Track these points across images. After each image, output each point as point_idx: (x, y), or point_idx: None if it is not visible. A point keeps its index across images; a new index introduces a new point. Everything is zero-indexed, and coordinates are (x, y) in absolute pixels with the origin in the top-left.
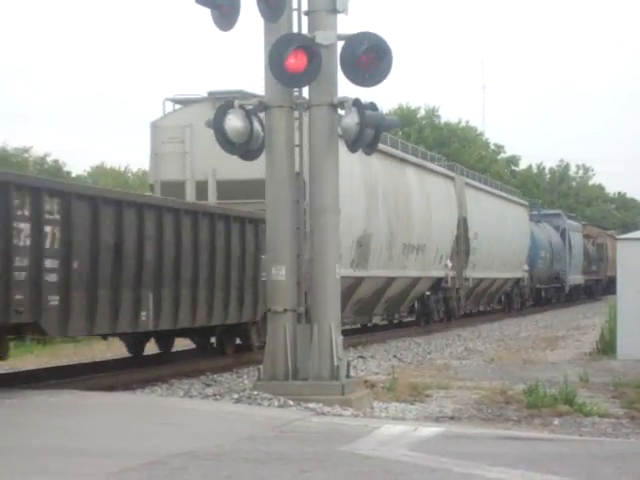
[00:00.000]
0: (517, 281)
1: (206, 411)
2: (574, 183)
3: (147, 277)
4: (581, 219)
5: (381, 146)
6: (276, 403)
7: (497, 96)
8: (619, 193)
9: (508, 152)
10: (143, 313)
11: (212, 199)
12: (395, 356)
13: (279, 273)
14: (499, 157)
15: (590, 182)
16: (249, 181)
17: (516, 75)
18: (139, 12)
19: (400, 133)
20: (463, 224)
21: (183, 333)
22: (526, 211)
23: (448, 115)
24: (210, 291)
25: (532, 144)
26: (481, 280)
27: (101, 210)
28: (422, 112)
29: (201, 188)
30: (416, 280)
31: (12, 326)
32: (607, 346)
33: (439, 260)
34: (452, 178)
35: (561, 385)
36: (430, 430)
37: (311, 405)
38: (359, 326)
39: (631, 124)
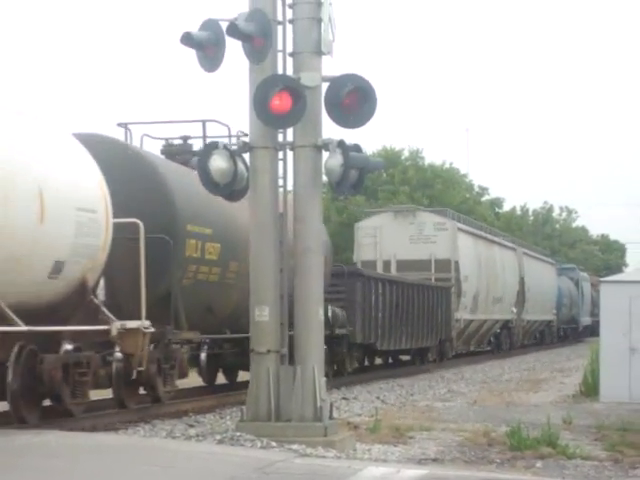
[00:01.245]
0: (549, 322)
1: (189, 452)
2: (558, 225)
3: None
4: (564, 261)
5: (480, 232)
6: (259, 444)
7: (481, 138)
8: (602, 235)
9: (492, 194)
10: (403, 338)
11: (393, 272)
12: (378, 398)
13: (262, 314)
14: (483, 199)
15: (574, 224)
16: (417, 260)
17: (500, 118)
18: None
19: (384, 174)
20: (521, 282)
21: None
22: (554, 268)
23: (432, 157)
24: (418, 327)
25: (516, 186)
26: (535, 321)
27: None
28: (406, 153)
29: (386, 265)
30: (496, 321)
31: None
32: (590, 388)
33: (508, 307)
34: (514, 249)
35: (544, 427)
36: (413, 472)
37: (294, 446)
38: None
39: (616, 167)
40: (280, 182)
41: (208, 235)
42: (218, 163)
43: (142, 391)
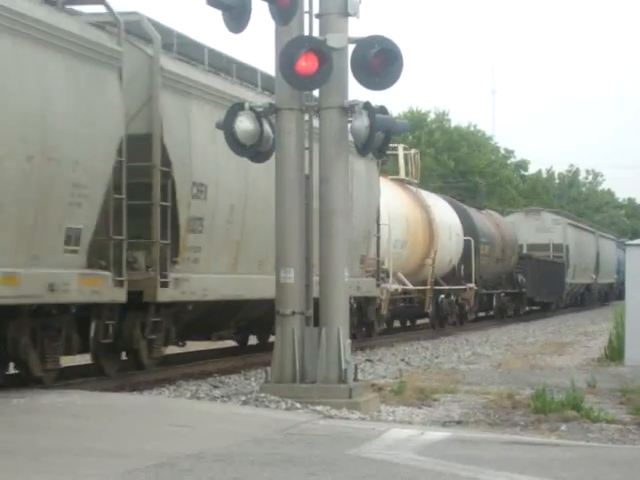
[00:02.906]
0: (611, 285)
1: (213, 413)
2: (583, 189)
3: None
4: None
5: (578, 224)
6: (283, 406)
7: (507, 101)
8: (629, 199)
9: (518, 157)
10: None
11: (524, 252)
12: (403, 360)
13: (287, 276)
14: (508, 162)
15: (599, 188)
16: (540, 244)
17: (526, 80)
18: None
19: (410, 137)
20: (597, 256)
21: None
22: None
23: (458, 119)
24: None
25: (542, 149)
26: (604, 284)
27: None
28: (432, 116)
29: (520, 247)
30: (585, 284)
31: None
32: (615, 352)
33: (589, 274)
34: (594, 232)
35: (568, 391)
36: (437, 434)
37: (318, 408)
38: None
39: None
40: (306, 144)
41: None
42: (244, 124)
43: None
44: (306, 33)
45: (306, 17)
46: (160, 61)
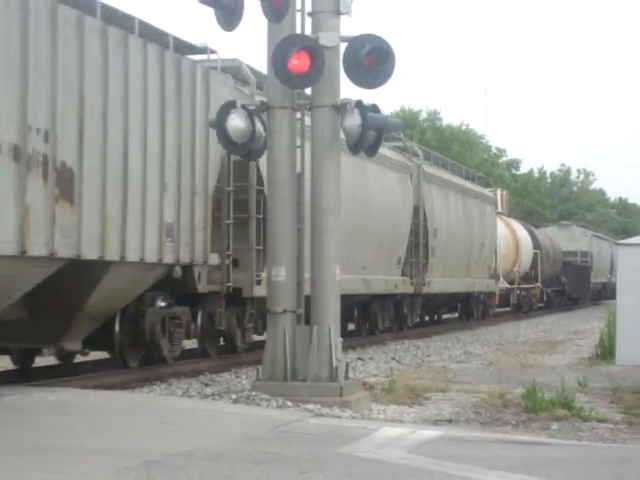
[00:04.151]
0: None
1: (204, 411)
2: (575, 188)
3: None
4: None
5: (600, 235)
6: (274, 404)
7: (499, 100)
8: (620, 198)
9: (509, 156)
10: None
11: None
12: (394, 358)
13: (279, 274)
14: (500, 161)
15: (591, 187)
16: (571, 251)
17: (518, 79)
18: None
19: (402, 135)
20: (613, 258)
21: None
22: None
23: (450, 118)
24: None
25: (533, 148)
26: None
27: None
28: (424, 114)
29: None
30: (603, 283)
31: None
32: (606, 351)
33: (606, 275)
34: (608, 240)
35: (559, 389)
36: (428, 433)
37: (309, 406)
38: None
39: (633, 130)
40: (298, 142)
41: None
42: (236, 122)
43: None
44: (298, 31)
45: (298, 15)
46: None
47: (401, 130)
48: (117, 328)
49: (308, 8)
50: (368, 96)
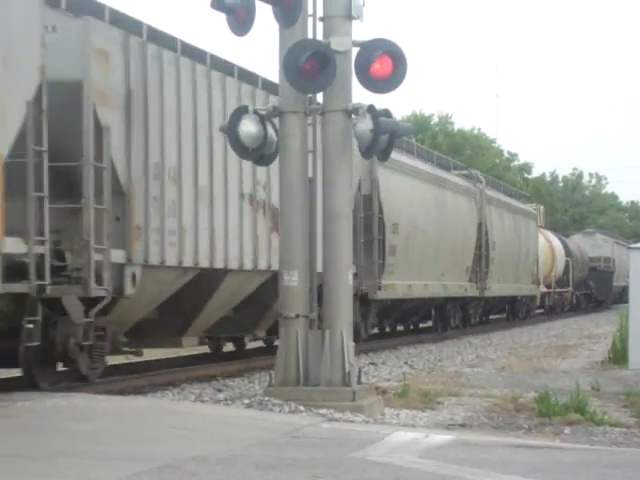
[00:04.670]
0: None
1: (217, 416)
2: (587, 192)
3: None
4: (593, 228)
5: (619, 241)
6: (287, 409)
7: (511, 104)
8: (632, 202)
9: (521, 160)
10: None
11: None
12: (407, 363)
13: (291, 279)
14: (512, 165)
15: (603, 191)
16: (595, 257)
17: (530, 83)
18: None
19: (414, 140)
20: None
21: None
22: None
23: (462, 122)
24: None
25: (545, 152)
26: None
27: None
28: (435, 119)
29: None
30: (622, 286)
31: None
32: (619, 355)
33: (625, 278)
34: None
35: (572, 394)
36: (441, 437)
37: (322, 411)
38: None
39: None
40: (309, 147)
41: None
42: (248, 127)
43: None
44: (310, 36)
45: (310, 20)
46: None
47: (412, 135)
48: None
49: (320, 13)
50: (380, 101)
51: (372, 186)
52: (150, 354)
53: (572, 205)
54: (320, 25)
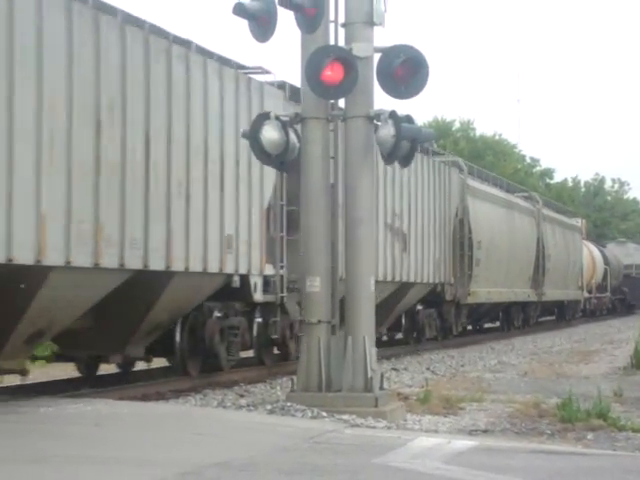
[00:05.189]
0: None
1: (240, 422)
2: (609, 197)
3: None
4: (616, 233)
5: None
6: (309, 414)
7: (532, 109)
8: None
9: (543, 165)
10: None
11: None
12: (428, 369)
13: (313, 284)
14: (534, 170)
15: (625, 196)
16: (627, 264)
17: (551, 89)
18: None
19: (436, 145)
20: None
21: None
22: None
23: (483, 128)
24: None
25: (567, 158)
26: None
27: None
28: (457, 125)
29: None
30: None
31: None
32: None
33: None
34: None
35: (595, 399)
36: (463, 443)
37: (344, 417)
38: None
39: None
40: (331, 153)
41: None
42: (270, 134)
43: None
44: (332, 42)
45: (332, 26)
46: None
47: (434, 140)
48: None
49: (341, 19)
50: (401, 106)
51: (464, 212)
52: None
53: (594, 210)
54: (342, 31)
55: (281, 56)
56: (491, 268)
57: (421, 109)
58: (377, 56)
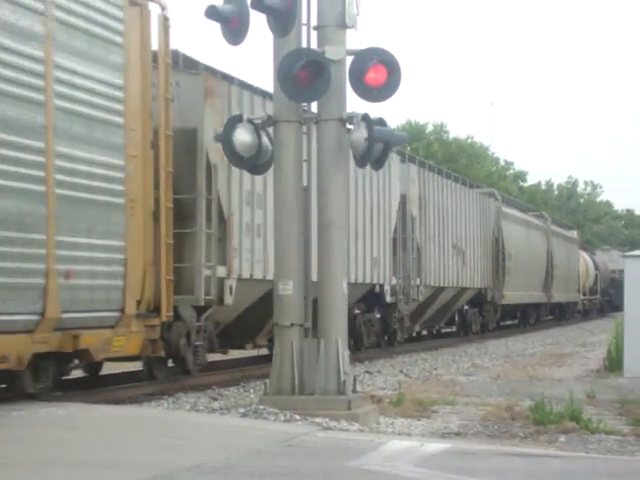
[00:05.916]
0: None
1: (213, 425)
2: (582, 200)
3: None
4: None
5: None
6: (282, 417)
7: (505, 112)
8: (627, 210)
9: (516, 168)
10: None
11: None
12: (402, 371)
13: (286, 287)
14: (507, 173)
15: (598, 199)
16: (614, 270)
17: (524, 91)
18: None
19: (409, 148)
20: None
21: None
22: None
23: (456, 131)
24: None
25: (540, 161)
26: None
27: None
28: (430, 128)
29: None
30: None
31: None
32: (614, 363)
33: None
34: None
35: (567, 402)
36: (436, 446)
37: (317, 420)
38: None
39: None
40: (304, 156)
41: None
42: (242, 136)
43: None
44: (304, 45)
45: (304, 29)
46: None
47: (407, 143)
48: None
49: (314, 22)
50: (374, 110)
51: (499, 232)
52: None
53: (567, 213)
54: (314, 34)
55: (254, 59)
56: (517, 275)
57: (394, 112)
58: (350, 59)
